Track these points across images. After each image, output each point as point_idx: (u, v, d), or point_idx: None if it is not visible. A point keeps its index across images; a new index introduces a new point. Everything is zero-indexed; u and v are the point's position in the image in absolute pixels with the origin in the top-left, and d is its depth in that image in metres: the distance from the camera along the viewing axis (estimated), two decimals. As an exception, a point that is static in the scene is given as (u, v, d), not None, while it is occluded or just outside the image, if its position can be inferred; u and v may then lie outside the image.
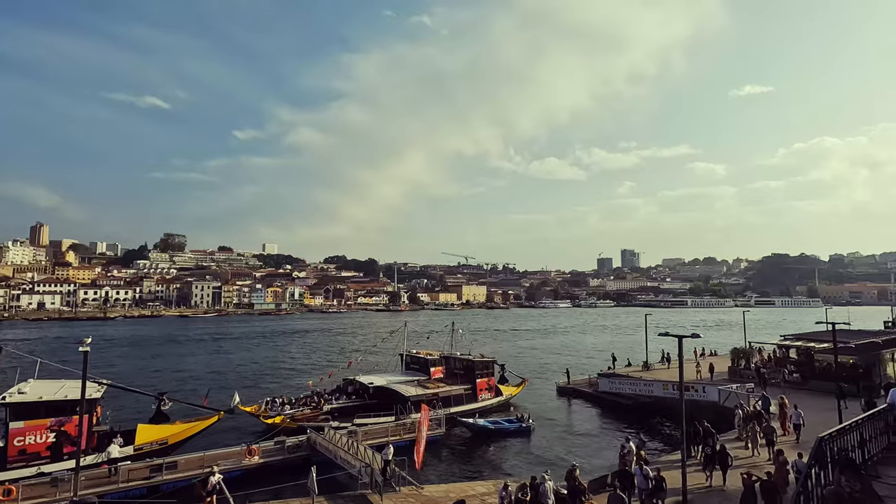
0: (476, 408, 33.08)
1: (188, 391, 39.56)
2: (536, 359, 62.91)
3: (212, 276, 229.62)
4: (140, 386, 36.57)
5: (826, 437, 7.83)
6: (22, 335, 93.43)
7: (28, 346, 66.72)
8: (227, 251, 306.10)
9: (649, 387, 33.76)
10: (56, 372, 24.61)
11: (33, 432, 20.30)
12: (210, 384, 40.79)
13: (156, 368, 54.35)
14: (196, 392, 37.94)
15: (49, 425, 20.62)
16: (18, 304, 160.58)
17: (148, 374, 49.27)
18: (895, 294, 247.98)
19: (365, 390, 32.69)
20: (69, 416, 20.75)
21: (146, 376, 47.78)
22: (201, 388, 38.28)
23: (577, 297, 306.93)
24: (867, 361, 30.39)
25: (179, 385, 43.27)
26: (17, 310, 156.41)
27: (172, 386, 41.33)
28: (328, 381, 35.70)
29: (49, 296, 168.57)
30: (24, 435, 20.11)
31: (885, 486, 7.71)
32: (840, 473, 6.93)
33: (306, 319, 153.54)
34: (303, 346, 78.16)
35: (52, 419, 20.70)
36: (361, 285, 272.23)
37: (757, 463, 17.00)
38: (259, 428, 28.39)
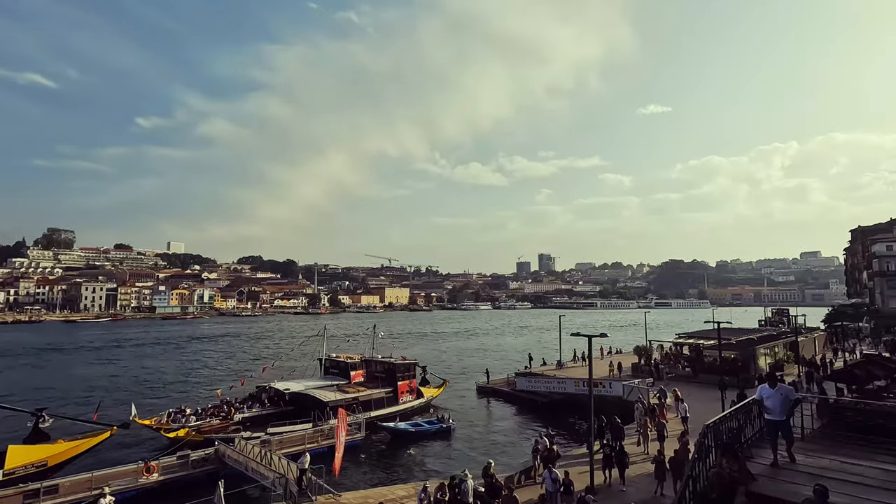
0: (397, 411, 32.90)
1: (75, 405, 35.58)
2: (458, 360, 63.92)
3: (106, 276, 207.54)
4: (13, 402, 32.29)
5: (710, 424, 8.77)
6: None
7: None
8: (126, 249, 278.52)
9: (562, 384, 35.65)
10: None
11: None
12: (102, 397, 36.92)
13: (34, 382, 48.03)
14: (85, 406, 34.16)
15: None
16: None
17: (24, 389, 43.40)
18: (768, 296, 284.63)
19: (281, 397, 31.28)
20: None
21: (21, 391, 42.10)
22: (91, 402, 34.51)
23: (498, 299, 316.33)
24: (745, 356, 34.39)
25: (64, 399, 38.65)
26: None
27: (55, 401, 36.83)
28: (240, 389, 33.68)
29: None
30: None
31: (757, 465, 8.78)
32: (721, 456, 7.78)
33: (217, 324, 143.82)
34: (212, 353, 73.10)
35: None
36: (279, 287, 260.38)
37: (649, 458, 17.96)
38: (160, 443, 26.06)
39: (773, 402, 9.28)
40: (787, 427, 9.23)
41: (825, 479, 7.59)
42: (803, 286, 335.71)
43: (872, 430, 10.58)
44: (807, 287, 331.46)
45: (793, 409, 9.56)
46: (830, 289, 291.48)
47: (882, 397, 14.27)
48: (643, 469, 17.14)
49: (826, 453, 9.67)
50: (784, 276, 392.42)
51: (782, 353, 38.56)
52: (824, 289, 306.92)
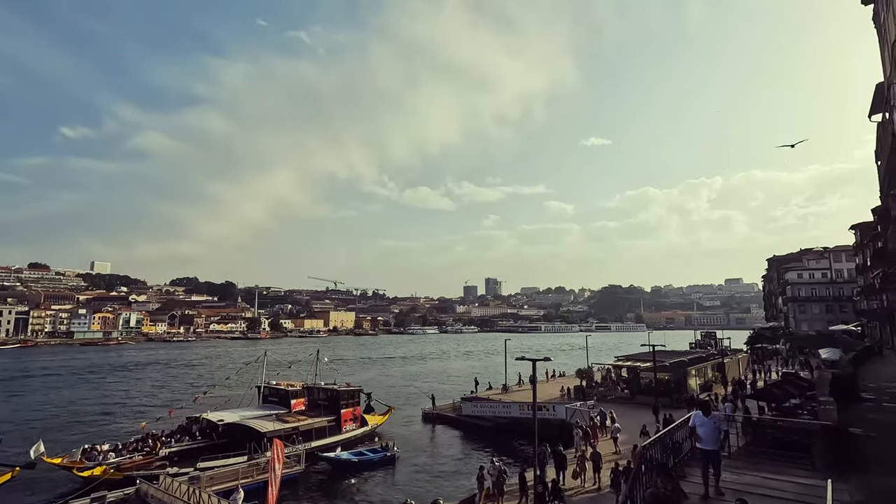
0: (340, 440, 31.75)
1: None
2: (404, 386, 62.88)
3: (17, 298, 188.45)
4: None
5: (645, 446, 9.14)
6: None
7: None
8: (42, 269, 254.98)
9: (507, 408, 35.89)
10: None
11: None
12: (2, 433, 33.03)
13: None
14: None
15: None
16: None
17: None
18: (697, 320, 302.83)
19: (214, 429, 29.30)
20: None
21: None
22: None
23: (445, 323, 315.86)
24: (678, 377, 36.23)
25: (-44, 437, 34.21)
26: None
27: (-55, 439, 32.50)
28: (169, 421, 31.28)
29: None
30: None
31: (689, 484, 9.20)
32: (656, 475, 8.10)
33: (144, 350, 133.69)
34: (137, 383, 67.67)
35: None
36: (215, 311, 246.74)
37: (587, 490, 17.86)
38: (73, 483, 23.55)
39: (706, 431, 9.42)
40: (717, 458, 9.39)
41: (748, 494, 8.07)
42: (728, 310, 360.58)
43: (789, 446, 11.42)
44: (731, 311, 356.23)
45: (723, 440, 9.98)
46: (752, 313, 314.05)
47: (797, 414, 15.46)
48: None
49: (749, 470, 10.31)
50: (711, 300, 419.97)
51: (710, 373, 41.01)
52: (746, 313, 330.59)
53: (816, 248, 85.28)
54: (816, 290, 72.98)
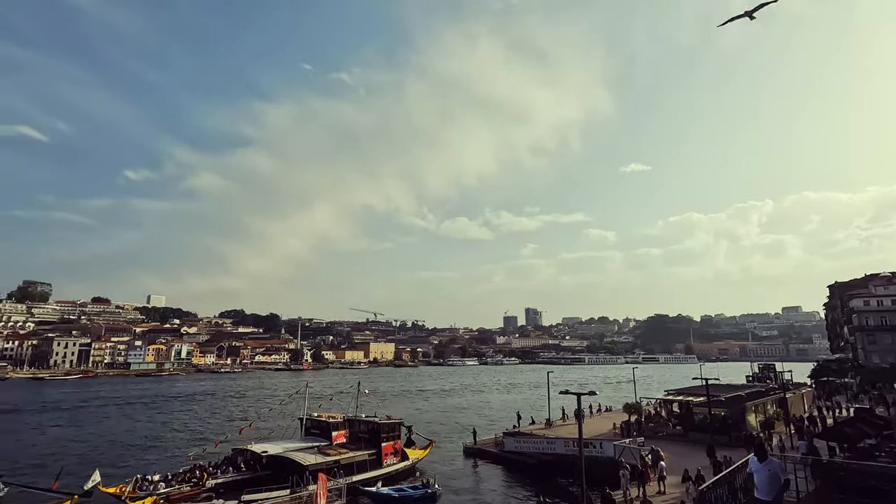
0: (381, 474, 31.37)
1: (34, 472, 33.20)
2: (445, 419, 61.87)
3: (81, 331, 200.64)
4: (-33, 468, 30.09)
5: (706, 488, 8.57)
6: None
7: None
8: (104, 303, 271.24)
9: (552, 444, 34.59)
10: None
11: None
12: (64, 462, 34.57)
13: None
14: (44, 473, 31.91)
15: None
16: None
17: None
18: (754, 351, 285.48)
19: (258, 461, 29.65)
20: None
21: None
22: (51, 468, 32.28)
23: (485, 354, 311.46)
24: (735, 413, 33.99)
25: (22, 464, 36.13)
26: None
27: (11, 466, 34.37)
28: (215, 452, 31.94)
29: None
30: None
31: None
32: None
33: (193, 381, 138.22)
34: (186, 413, 69.76)
35: None
36: (260, 342, 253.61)
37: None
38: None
39: (760, 479, 8.62)
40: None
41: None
42: (787, 341, 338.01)
43: (866, 492, 10.41)
44: (790, 342, 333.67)
45: (782, 491, 8.66)
46: (814, 343, 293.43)
47: (874, 456, 14.14)
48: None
49: (822, 518, 9.44)
50: (767, 330, 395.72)
51: (772, 409, 38.22)
52: (808, 343, 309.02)
53: (884, 272, 79.49)
54: (887, 318, 67.47)
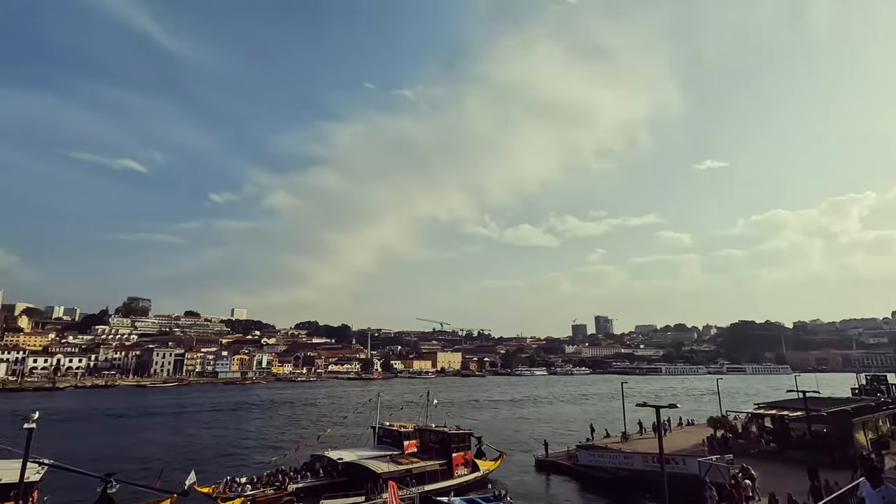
0: (452, 485, 31.36)
1: (139, 471, 36.44)
2: (514, 430, 60.89)
3: (176, 342, 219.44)
4: (84, 466, 33.55)
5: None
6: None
7: (-38, 421, 61.05)
8: (194, 316, 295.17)
9: (629, 459, 32.95)
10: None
11: (-43, 522, 18.14)
12: (164, 462, 37.74)
13: (103, 445, 50.14)
14: (148, 471, 35.00)
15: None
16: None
17: (93, 452, 45.27)
18: (859, 360, 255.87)
19: (334, 467, 30.75)
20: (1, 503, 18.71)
21: (92, 455, 43.88)
22: (153, 467, 35.36)
23: (553, 364, 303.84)
24: (840, 431, 30.59)
25: (129, 464, 39.80)
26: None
27: (121, 465, 37.97)
28: (294, 457, 33.53)
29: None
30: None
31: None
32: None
33: (273, 389, 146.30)
34: (268, 419, 73.91)
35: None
36: (333, 352, 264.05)
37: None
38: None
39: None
40: None
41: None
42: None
43: None
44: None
45: None
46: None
47: None
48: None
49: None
50: (875, 337, 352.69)
51: (885, 427, 33.98)
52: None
53: None
54: None
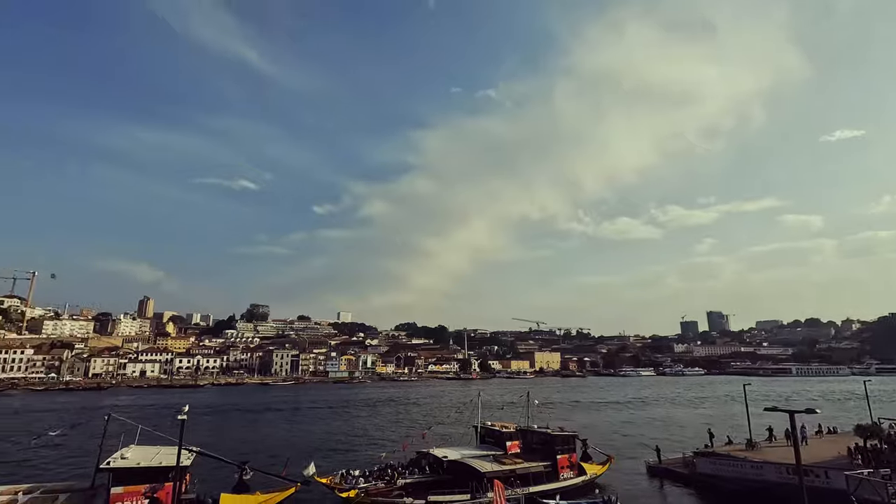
0: (557, 487, 30.63)
1: (267, 459, 40.22)
2: (622, 434, 57.97)
3: (291, 344, 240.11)
4: (222, 454, 37.81)
5: None
6: (125, 401, 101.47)
7: (130, 413, 72.02)
8: (306, 320, 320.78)
9: (758, 470, 29.81)
10: (153, 438, 26.16)
11: (131, 497, 21.39)
12: (287, 453, 41.32)
13: (237, 436, 56.23)
14: (274, 460, 38.52)
15: (144, 491, 21.67)
16: (124, 372, 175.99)
17: (229, 442, 50.89)
18: None
19: (439, 464, 31.53)
20: (162, 483, 21.78)
21: (227, 444, 49.36)
22: (279, 457, 38.84)
23: (661, 364, 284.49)
24: None
25: (258, 453, 44.13)
26: (123, 377, 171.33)
27: (252, 454, 42.25)
28: (402, 454, 34.95)
29: (150, 364, 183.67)
30: (122, 500, 21.23)
31: None
32: None
33: (378, 388, 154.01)
34: (375, 416, 77.90)
35: (146, 485, 21.78)
36: (431, 353, 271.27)
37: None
38: (333, 500, 27.97)
39: None
40: None
41: None
42: None
43: None
44: None
45: None
46: None
47: None
48: None
49: None
50: None
51: None
52: None
53: None
54: None
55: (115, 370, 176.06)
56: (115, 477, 21.47)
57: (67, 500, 21.45)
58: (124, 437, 25.73)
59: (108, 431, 25.09)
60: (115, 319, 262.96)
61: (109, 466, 21.68)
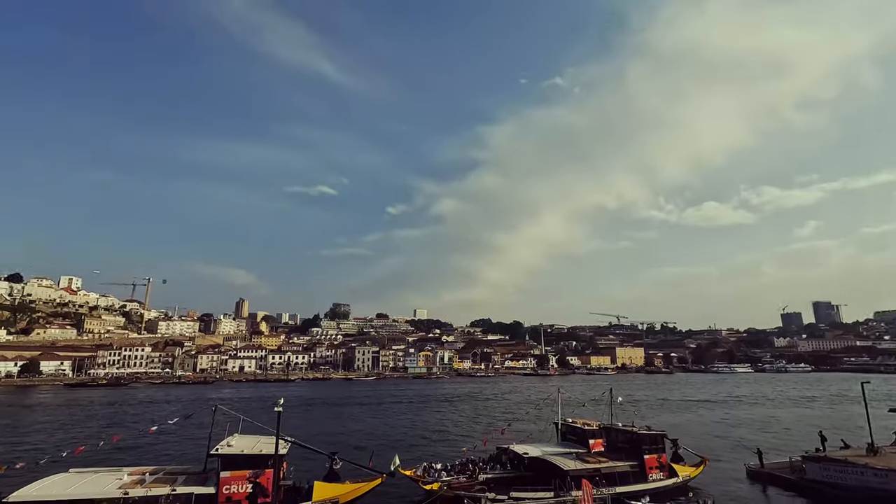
0: (647, 489, 29.26)
1: (353, 450, 42.19)
2: (716, 435, 54.13)
3: (371, 341, 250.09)
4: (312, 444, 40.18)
5: None
6: (227, 394, 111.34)
7: (231, 404, 78.90)
8: (384, 318, 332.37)
9: (883, 478, 26.59)
10: (253, 428, 28.42)
11: (237, 481, 23.43)
12: (372, 446, 43.12)
13: (324, 428, 59.53)
14: (360, 452, 40.35)
15: (248, 476, 23.64)
16: (226, 367, 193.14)
17: (318, 433, 53.99)
18: None
19: (520, 461, 31.32)
20: (263, 470, 23.64)
21: (316, 435, 52.39)
22: (364, 449, 40.65)
23: (759, 359, 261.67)
24: None
25: (345, 444, 46.38)
26: (225, 372, 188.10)
27: (339, 445, 44.52)
28: (482, 449, 35.16)
29: (247, 360, 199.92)
30: (229, 483, 23.32)
31: None
32: None
33: (456, 384, 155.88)
34: (454, 411, 78.96)
35: (249, 471, 23.75)
36: (507, 348, 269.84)
37: None
38: (416, 493, 28.76)
39: None
40: None
41: None
42: None
43: None
44: None
45: None
46: None
47: None
48: None
49: None
50: None
51: None
52: None
53: None
54: None
55: (217, 366, 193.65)
56: (223, 462, 23.62)
57: (185, 481, 23.91)
58: (229, 426, 28.22)
59: (215, 421, 27.63)
60: (216, 320, 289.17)
61: (218, 453, 23.90)
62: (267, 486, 23.32)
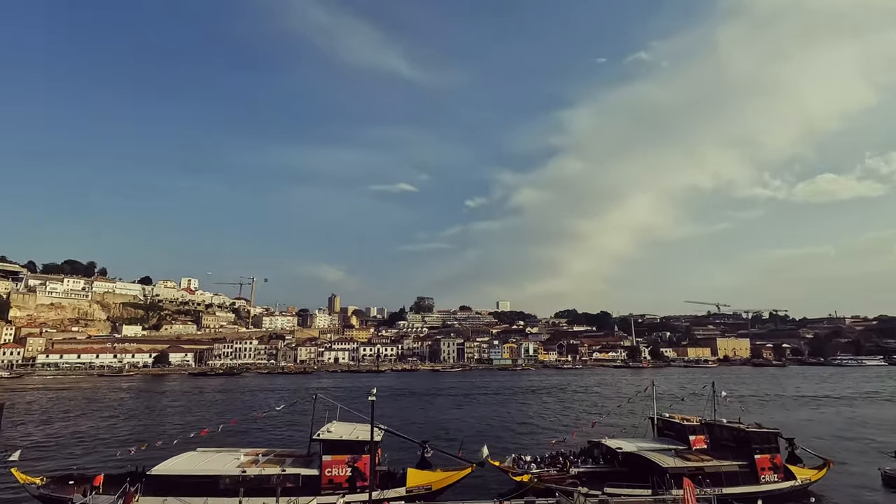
0: (758, 491, 26.85)
1: (442, 440, 43.25)
2: (839, 435, 48.37)
3: (455, 333, 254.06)
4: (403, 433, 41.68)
5: None
6: (325, 383, 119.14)
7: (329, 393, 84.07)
8: (467, 310, 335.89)
9: None
10: (349, 415, 30.14)
11: (337, 465, 25.04)
12: (460, 435, 43.88)
13: (415, 417, 61.57)
14: (449, 441, 41.25)
15: (346, 461, 25.17)
16: (322, 359, 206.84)
17: (408, 422, 55.96)
18: None
19: (613, 456, 30.19)
20: (360, 455, 25.04)
21: (407, 423, 54.32)
22: (453, 438, 41.48)
23: (894, 351, 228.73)
24: None
25: (435, 434, 47.63)
26: (322, 363, 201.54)
27: (430, 435, 45.77)
28: (572, 442, 34.38)
29: (341, 352, 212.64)
30: (331, 466, 24.98)
31: None
32: None
33: (542, 375, 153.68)
34: (541, 403, 77.97)
35: (348, 456, 25.26)
36: (595, 340, 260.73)
37: None
38: (506, 484, 28.78)
39: None
40: None
41: None
42: None
43: None
44: None
45: None
46: None
47: None
48: None
49: None
50: None
51: None
52: None
53: None
54: None
55: (315, 357, 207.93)
56: (324, 447, 25.35)
57: (292, 462, 26.06)
58: (328, 413, 30.19)
59: (315, 408, 29.70)
60: (312, 314, 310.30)
61: (320, 438, 25.70)
62: (364, 471, 24.66)
